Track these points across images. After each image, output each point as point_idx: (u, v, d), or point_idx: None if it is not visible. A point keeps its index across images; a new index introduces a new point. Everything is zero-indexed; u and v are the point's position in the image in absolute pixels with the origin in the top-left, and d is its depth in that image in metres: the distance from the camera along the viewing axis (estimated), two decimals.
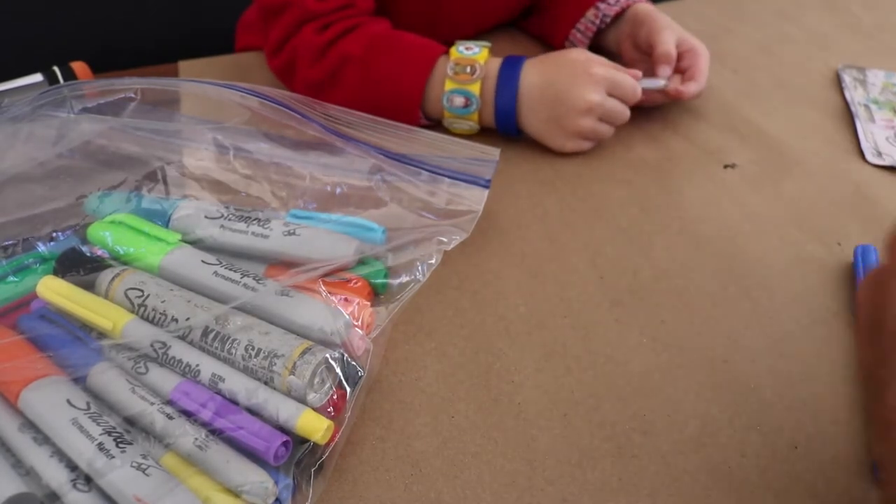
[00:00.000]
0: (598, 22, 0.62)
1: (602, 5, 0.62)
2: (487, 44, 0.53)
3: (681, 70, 0.55)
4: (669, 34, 0.55)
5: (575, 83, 0.50)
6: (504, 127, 0.52)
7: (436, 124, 0.55)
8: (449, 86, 0.51)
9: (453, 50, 0.52)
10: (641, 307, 0.41)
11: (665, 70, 0.54)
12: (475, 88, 0.50)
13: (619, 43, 0.61)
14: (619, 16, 0.61)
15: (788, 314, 0.40)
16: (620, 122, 0.52)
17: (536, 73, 0.51)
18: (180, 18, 1.00)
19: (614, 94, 0.51)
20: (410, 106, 0.52)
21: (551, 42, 0.67)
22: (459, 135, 0.53)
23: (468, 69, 0.51)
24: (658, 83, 0.54)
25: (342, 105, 0.52)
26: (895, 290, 0.26)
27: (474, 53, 0.51)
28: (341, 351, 0.31)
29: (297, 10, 0.54)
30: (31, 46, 0.93)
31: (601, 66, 0.51)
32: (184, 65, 0.63)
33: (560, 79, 0.51)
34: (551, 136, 0.52)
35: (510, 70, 0.51)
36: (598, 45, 0.64)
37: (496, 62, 0.52)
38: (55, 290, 0.33)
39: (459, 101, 0.51)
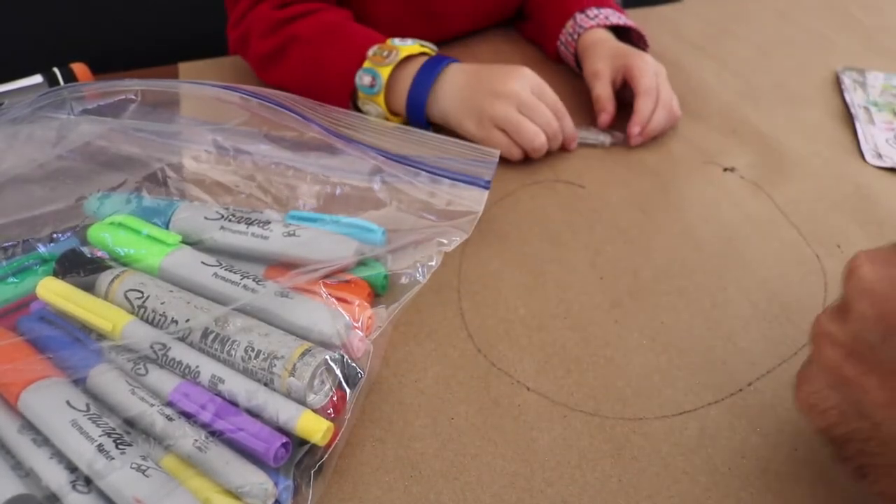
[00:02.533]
0: (576, 36, 0.60)
1: (580, 16, 0.61)
2: (430, 45, 0.53)
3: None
4: (603, 78, 0.55)
5: (502, 74, 0.50)
6: (412, 115, 0.52)
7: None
8: (365, 65, 0.51)
9: (389, 39, 0.52)
10: (641, 308, 0.41)
11: (604, 118, 0.55)
12: (384, 70, 0.50)
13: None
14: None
15: (788, 316, 0.40)
16: (546, 125, 0.50)
17: (465, 68, 0.51)
18: (180, 20, 1.00)
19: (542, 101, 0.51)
20: (342, 90, 0.52)
21: (545, 50, 0.66)
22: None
23: (385, 52, 0.51)
24: (599, 139, 0.54)
25: (282, 81, 0.55)
26: None
27: (403, 44, 0.52)
28: (341, 352, 0.31)
29: None
30: (31, 48, 0.93)
31: (534, 74, 0.51)
32: (184, 66, 0.63)
33: (489, 71, 0.51)
34: (462, 118, 0.50)
35: (435, 63, 0.51)
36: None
37: (422, 59, 0.52)
38: (55, 292, 0.33)
39: (367, 79, 0.51)
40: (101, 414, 0.28)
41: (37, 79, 0.51)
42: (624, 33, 0.62)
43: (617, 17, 0.61)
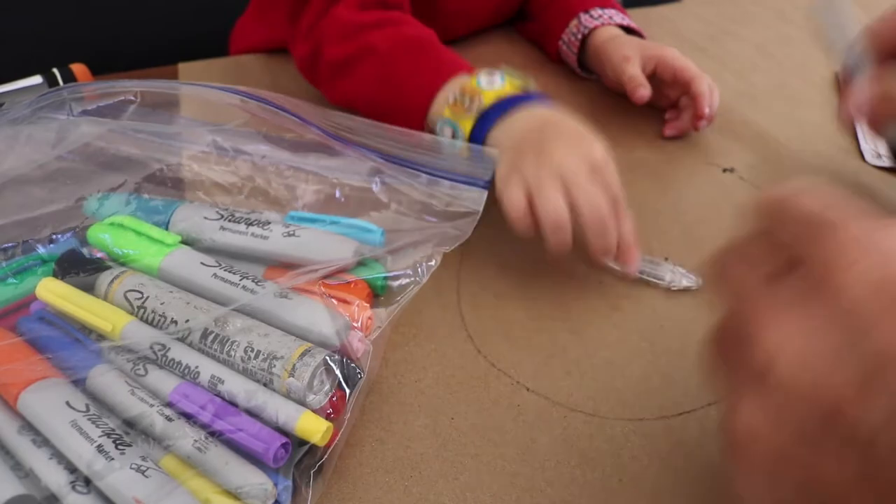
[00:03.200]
0: (579, 35, 0.61)
1: (584, 16, 0.61)
2: (522, 77, 0.45)
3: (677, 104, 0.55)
4: (634, 62, 0.55)
5: (562, 135, 0.41)
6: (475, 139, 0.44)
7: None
8: (445, 113, 0.45)
9: (473, 77, 0.45)
10: (640, 310, 0.41)
11: (642, 92, 0.52)
12: (465, 124, 0.43)
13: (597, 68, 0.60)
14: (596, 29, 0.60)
15: None
16: (590, 210, 0.38)
17: (544, 112, 0.43)
18: (180, 20, 1.00)
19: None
20: (417, 115, 0.47)
21: (546, 50, 0.67)
22: None
23: (467, 101, 0.44)
24: (666, 278, 0.42)
25: (352, 95, 0.50)
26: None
27: (491, 87, 0.44)
28: (340, 353, 0.31)
29: None
30: (31, 48, 0.94)
31: (602, 149, 0.41)
32: (183, 66, 0.63)
33: (557, 126, 0.42)
34: (503, 182, 0.41)
35: (514, 99, 0.43)
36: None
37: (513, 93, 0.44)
38: (55, 292, 0.33)
39: (448, 132, 0.45)
40: (101, 414, 0.28)
41: (36, 79, 0.51)
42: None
43: (620, 18, 0.61)
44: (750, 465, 0.21)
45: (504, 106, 0.43)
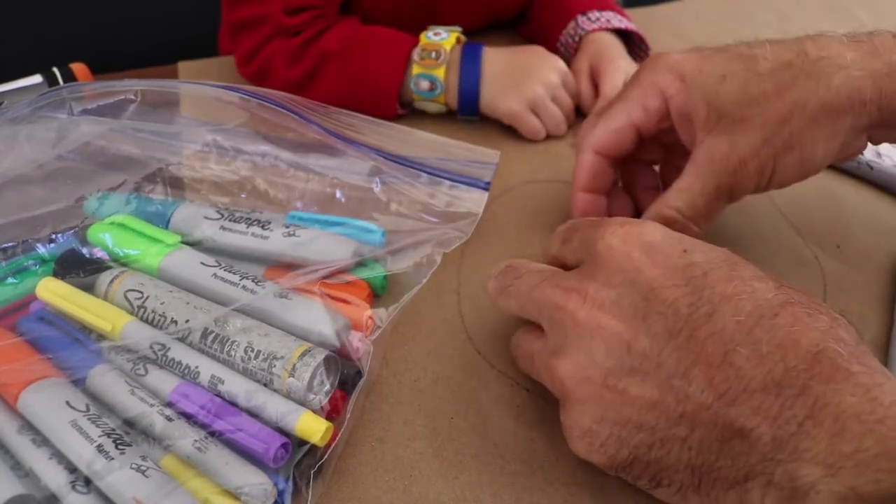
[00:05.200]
0: (576, 38, 0.61)
1: (581, 18, 0.61)
2: (457, 28, 0.56)
3: None
4: (583, 76, 0.56)
5: (542, 62, 0.55)
6: (465, 109, 0.55)
7: (409, 112, 0.57)
8: (416, 70, 0.53)
9: (422, 36, 0.55)
10: None
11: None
12: (439, 72, 0.53)
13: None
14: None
15: None
16: (568, 113, 0.55)
17: (501, 54, 0.55)
18: (180, 20, 1.01)
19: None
20: (388, 99, 0.54)
21: None
22: (424, 115, 0.53)
23: (433, 54, 0.53)
24: None
25: (321, 100, 0.53)
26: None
27: (441, 39, 0.54)
28: (341, 353, 0.31)
29: (271, 25, 0.55)
30: (31, 48, 0.94)
31: (563, 64, 0.56)
32: (183, 66, 0.63)
33: (528, 56, 0.56)
34: (503, 98, 0.53)
35: (471, 56, 0.54)
36: None
37: (458, 48, 0.55)
38: (54, 292, 0.33)
39: (425, 84, 0.54)
40: (101, 414, 0.28)
41: (36, 79, 0.51)
42: (625, 35, 0.62)
43: (619, 21, 0.61)
44: (578, 403, 0.27)
45: (472, 58, 0.54)
